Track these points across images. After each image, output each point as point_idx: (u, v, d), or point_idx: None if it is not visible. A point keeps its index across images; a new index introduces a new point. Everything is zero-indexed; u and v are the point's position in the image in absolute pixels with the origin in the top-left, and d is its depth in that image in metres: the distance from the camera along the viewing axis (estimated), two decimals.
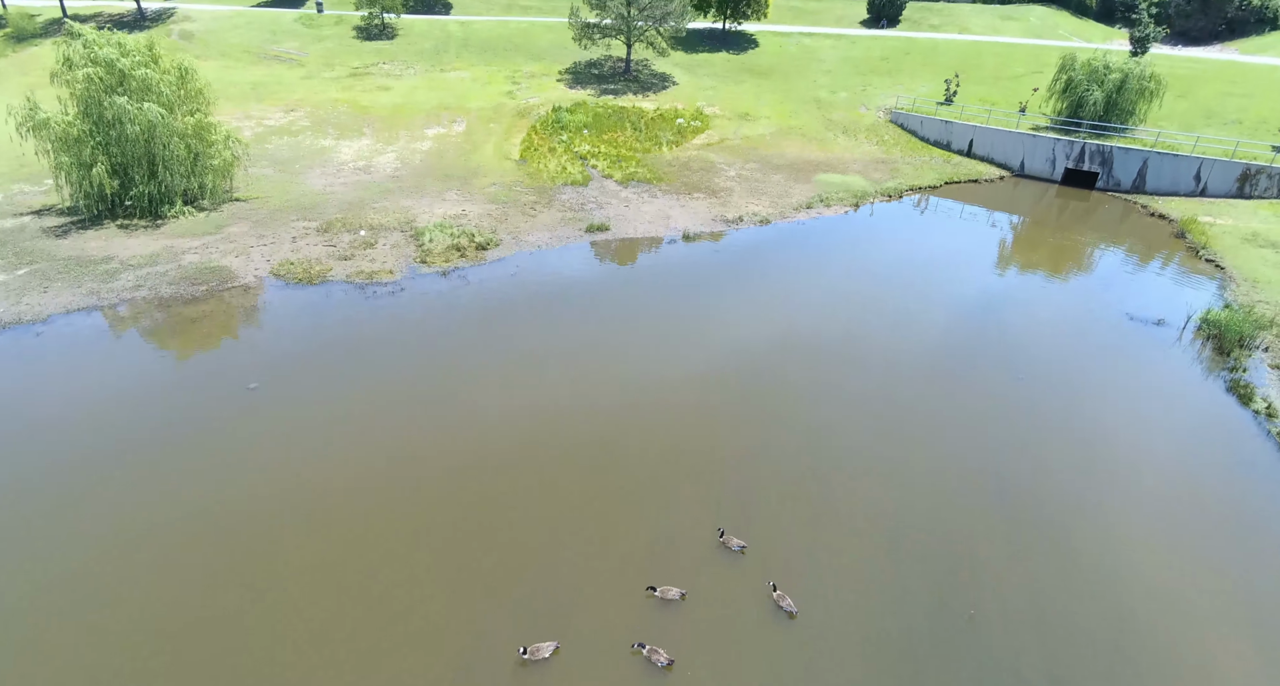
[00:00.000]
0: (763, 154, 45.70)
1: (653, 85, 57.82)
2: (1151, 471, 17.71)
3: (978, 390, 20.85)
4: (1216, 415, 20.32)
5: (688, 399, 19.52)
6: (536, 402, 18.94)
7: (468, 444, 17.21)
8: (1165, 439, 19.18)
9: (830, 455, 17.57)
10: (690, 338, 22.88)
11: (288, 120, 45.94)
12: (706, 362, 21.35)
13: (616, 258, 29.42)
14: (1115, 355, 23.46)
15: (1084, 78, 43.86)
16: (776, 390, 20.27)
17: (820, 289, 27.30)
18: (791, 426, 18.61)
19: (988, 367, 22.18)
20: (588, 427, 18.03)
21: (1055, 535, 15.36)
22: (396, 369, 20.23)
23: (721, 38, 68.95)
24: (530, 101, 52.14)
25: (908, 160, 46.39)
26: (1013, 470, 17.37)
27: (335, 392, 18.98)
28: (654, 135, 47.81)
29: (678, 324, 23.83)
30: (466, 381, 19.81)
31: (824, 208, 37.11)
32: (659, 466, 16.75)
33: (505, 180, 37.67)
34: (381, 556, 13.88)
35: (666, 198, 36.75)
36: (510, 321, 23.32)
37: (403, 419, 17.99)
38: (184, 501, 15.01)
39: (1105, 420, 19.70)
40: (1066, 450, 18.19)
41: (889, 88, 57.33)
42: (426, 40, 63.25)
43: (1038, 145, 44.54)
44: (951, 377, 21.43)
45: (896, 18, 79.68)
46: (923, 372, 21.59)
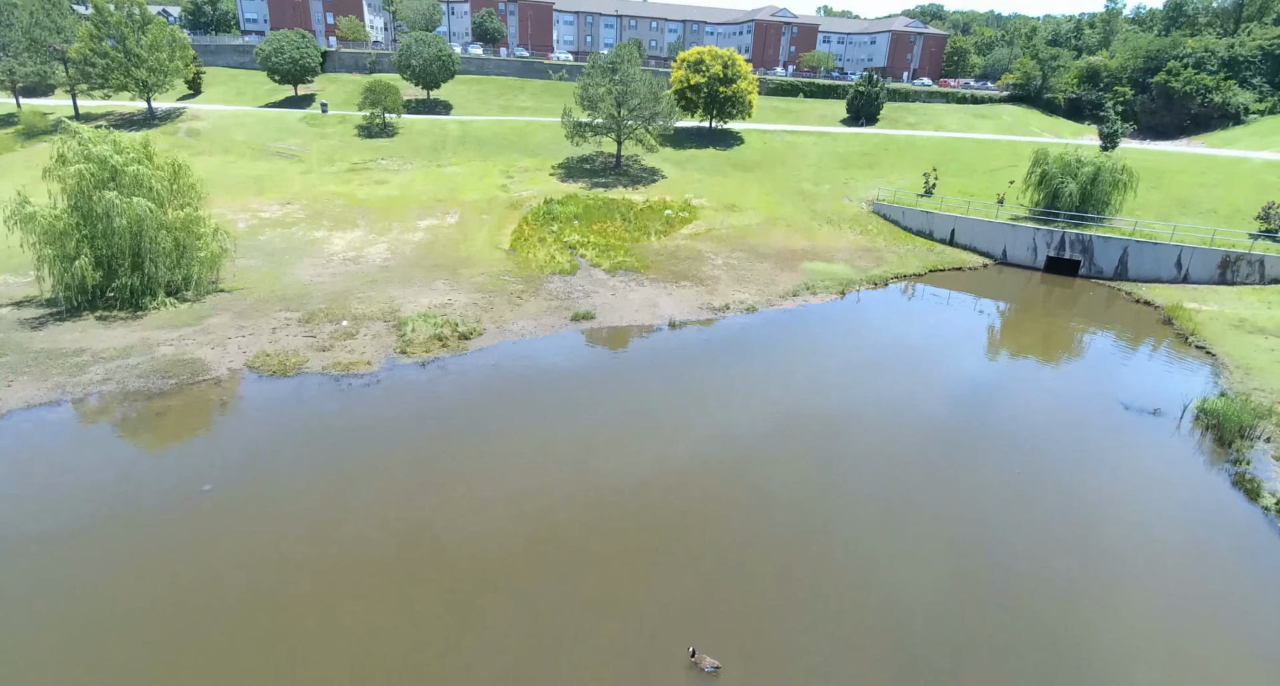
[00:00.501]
0: (749, 243, 46.43)
1: (642, 178, 59.66)
2: (1161, 576, 16.56)
3: (975, 485, 19.90)
4: (1225, 512, 19.30)
5: (668, 497, 18.52)
6: (508, 501, 17.91)
7: (433, 547, 16.07)
8: (1173, 539, 18.09)
9: (820, 559, 16.43)
10: (672, 431, 22.09)
11: (283, 213, 46.83)
12: (689, 458, 20.47)
13: (601, 346, 29.04)
14: (1114, 447, 22.66)
15: (1058, 171, 45.32)
16: (762, 488, 19.30)
17: (809, 378, 26.77)
18: (778, 528, 17.54)
19: (985, 460, 21.31)
20: (562, 529, 16.94)
21: (1060, 647, 14.06)
22: (361, 466, 19.28)
23: (709, 135, 71.98)
24: (523, 194, 53.53)
25: (892, 249, 47.15)
26: (1015, 575, 16.20)
27: (294, 493, 17.95)
28: (643, 225, 48.75)
29: (660, 417, 23.09)
30: (435, 480, 18.83)
31: (810, 295, 37.21)
32: (634, 571, 15.59)
33: (494, 270, 37.90)
34: (337, 668, 12.53)
35: (654, 286, 36.88)
36: (485, 414, 22.57)
37: (364, 520, 16.90)
38: (121, 611, 13.74)
39: (1109, 518, 18.67)
40: (1070, 553, 17.07)
41: (870, 180, 59.24)
42: (426, 138, 65.79)
43: (1018, 234, 45.42)
44: (948, 472, 20.52)
45: (875, 116, 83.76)
46: (918, 466, 20.70)
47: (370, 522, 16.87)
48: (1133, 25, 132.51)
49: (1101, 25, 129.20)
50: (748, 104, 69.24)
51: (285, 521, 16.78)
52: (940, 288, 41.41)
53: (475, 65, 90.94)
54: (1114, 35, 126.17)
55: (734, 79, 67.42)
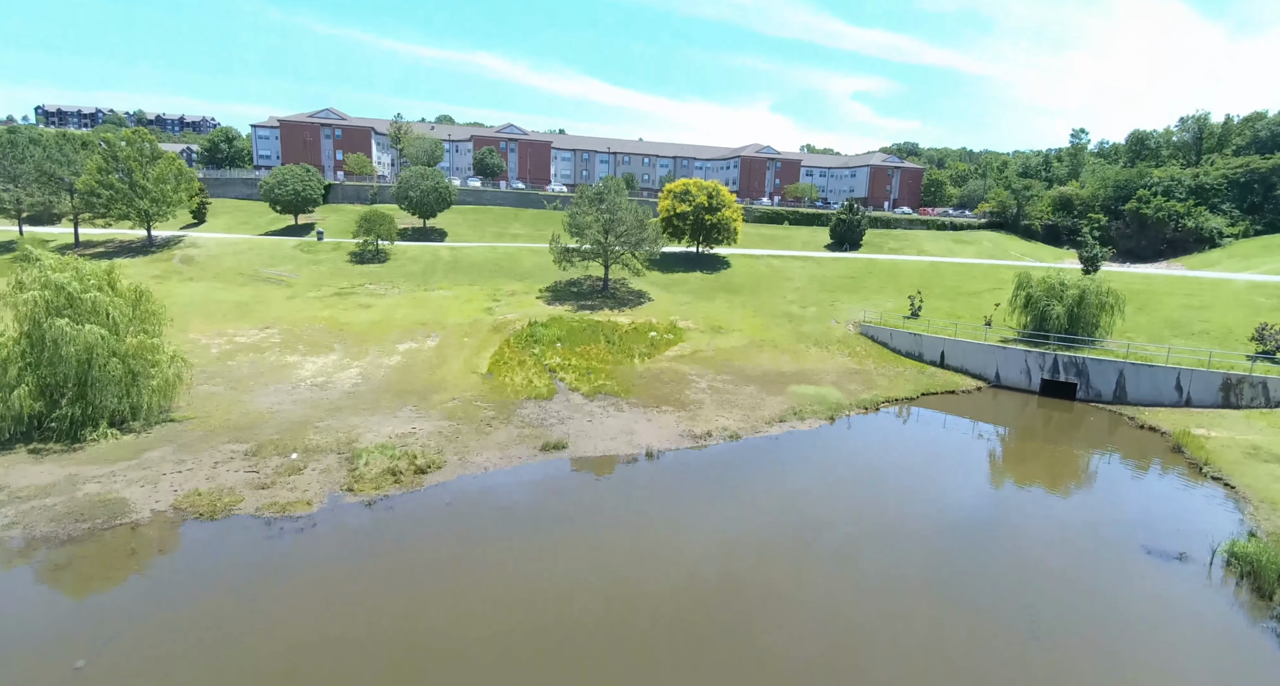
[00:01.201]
0: (735, 366, 45.27)
1: (629, 301, 59.71)
2: None
3: (990, 649, 17.09)
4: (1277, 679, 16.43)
5: (634, 660, 15.72)
6: (439, 679, 15.12)
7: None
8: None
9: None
10: (641, 579, 19.48)
11: (260, 337, 46.01)
12: (658, 610, 17.77)
13: (567, 481, 26.79)
14: (1141, 600, 19.95)
15: (1042, 294, 45.08)
16: (739, 648, 16.52)
17: (796, 516, 24.36)
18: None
19: (997, 618, 18.56)
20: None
21: None
22: (261, 638, 16.58)
23: (696, 259, 73.27)
24: (508, 317, 53.15)
25: (881, 371, 45.93)
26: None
27: (179, 669, 15.18)
28: (627, 348, 47.84)
29: (622, 568, 20.53)
30: (352, 645, 16.08)
31: (798, 421, 35.39)
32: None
33: (467, 395, 36.33)
34: None
35: (633, 411, 35.15)
36: (426, 566, 20.02)
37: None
38: None
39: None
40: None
41: (856, 303, 59.27)
42: (416, 263, 66.76)
43: (1010, 357, 44.38)
44: (956, 633, 17.75)
45: (858, 242, 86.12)
46: (921, 627, 17.95)
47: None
48: (1098, 158, 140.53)
49: (1069, 158, 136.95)
50: (733, 230, 71.03)
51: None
52: (935, 411, 39.70)
53: (473, 196, 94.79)
54: (1081, 167, 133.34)
55: (718, 208, 69.59)
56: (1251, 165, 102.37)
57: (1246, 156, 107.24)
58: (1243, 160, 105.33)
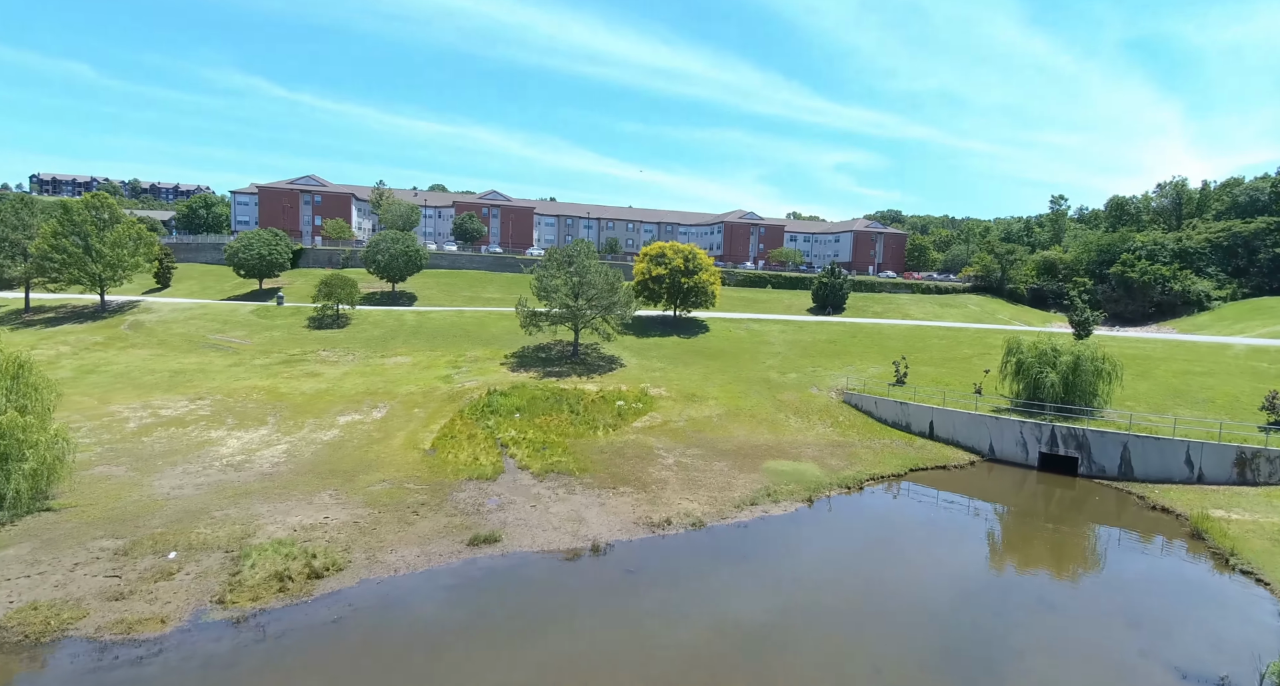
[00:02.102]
0: (707, 438, 41.59)
1: (599, 367, 56.43)
2: None
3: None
4: None
5: None
6: None
7: None
8: None
9: None
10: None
11: (188, 410, 42.17)
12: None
13: (491, 587, 22.62)
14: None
15: (1034, 360, 42.10)
16: None
17: (755, 637, 20.30)
18: None
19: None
20: None
21: None
22: None
23: (673, 323, 70.56)
24: (466, 385, 49.62)
25: (866, 444, 42.34)
26: None
27: None
28: (591, 418, 44.21)
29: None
30: None
31: (771, 504, 31.52)
32: None
33: (400, 475, 32.40)
34: None
35: (586, 493, 31.24)
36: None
37: None
38: None
39: None
40: None
41: (838, 369, 56.20)
42: (377, 329, 63.66)
43: (1004, 428, 40.97)
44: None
45: (841, 306, 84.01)
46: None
47: None
48: (1079, 224, 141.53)
49: (1050, 224, 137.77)
50: (710, 294, 68.65)
51: None
52: (925, 489, 35.93)
53: (448, 260, 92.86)
54: (1063, 232, 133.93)
55: (695, 270, 67.42)
56: (1234, 228, 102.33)
57: (1228, 220, 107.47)
58: (1224, 224, 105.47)
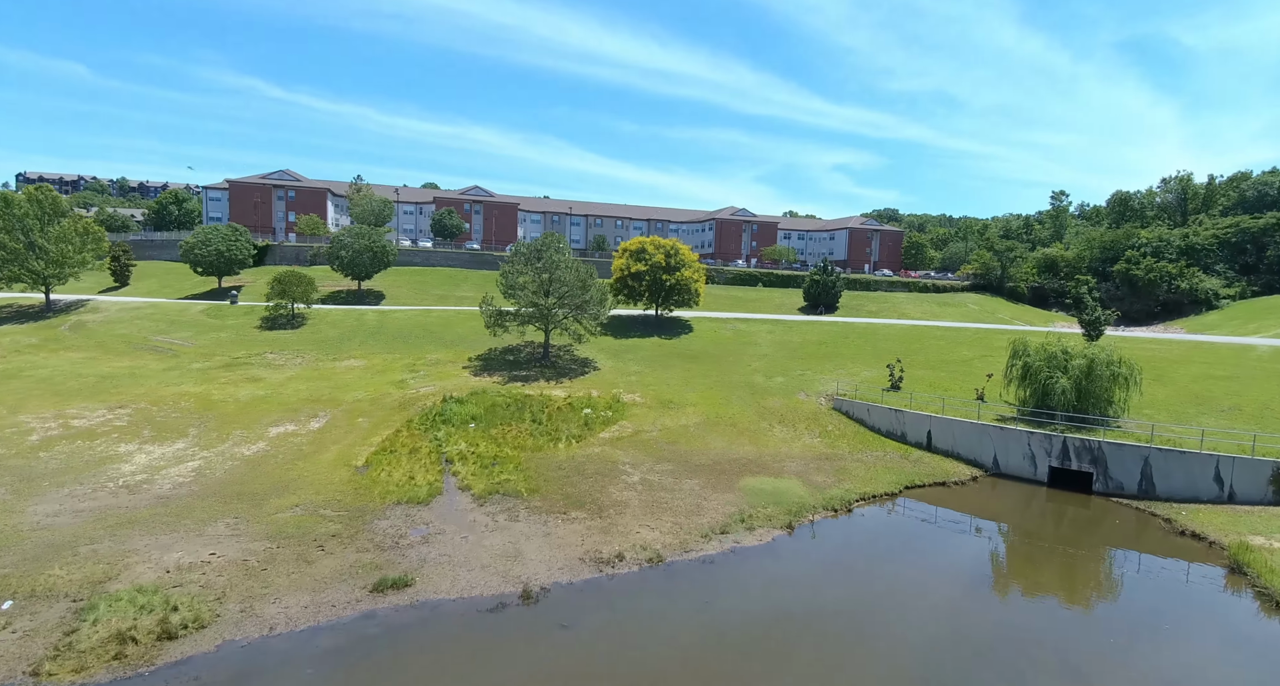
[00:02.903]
0: (681, 451, 37.42)
1: (571, 371, 52.22)
2: None
3: None
4: None
5: None
6: None
7: None
8: None
9: None
10: None
11: (103, 420, 37.86)
12: None
13: (384, 650, 18.31)
14: None
15: (1042, 363, 38.00)
16: None
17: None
18: None
19: None
20: None
21: None
22: None
23: (654, 323, 66.39)
24: (421, 391, 45.36)
25: (857, 456, 38.21)
26: None
27: None
28: (554, 428, 40.04)
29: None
30: None
31: (744, 532, 27.33)
32: None
33: (319, 498, 28.18)
34: None
35: (531, 520, 27.05)
36: None
37: None
38: None
39: None
40: None
41: (829, 372, 52.04)
42: (334, 329, 59.39)
43: (1009, 439, 36.86)
44: None
45: (834, 305, 79.83)
46: None
47: None
48: (1080, 221, 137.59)
49: (1051, 221, 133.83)
50: (693, 292, 64.46)
51: None
52: (923, 508, 31.82)
53: (421, 257, 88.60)
54: (1064, 229, 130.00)
55: (677, 267, 63.24)
56: (1242, 225, 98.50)
57: (1235, 216, 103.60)
58: (1232, 220, 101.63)
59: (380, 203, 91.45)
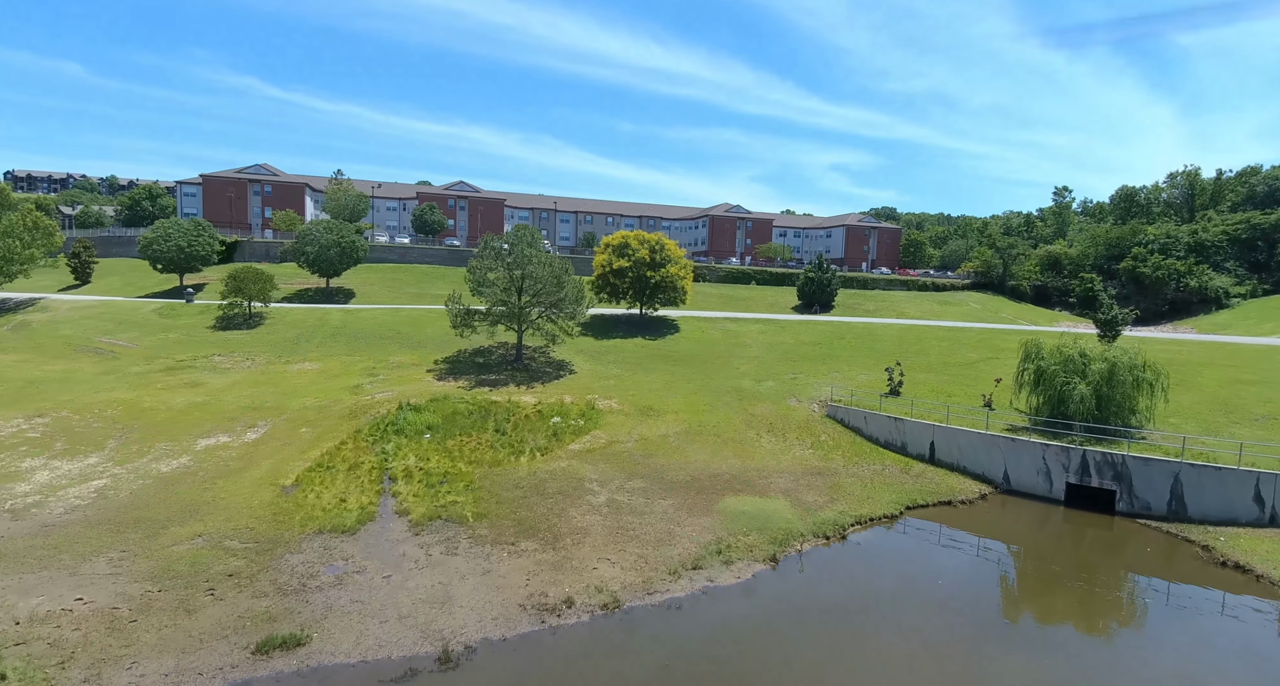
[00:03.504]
0: (657, 465, 33.68)
1: (545, 375, 48.43)
2: None
3: None
4: None
5: None
6: None
7: None
8: None
9: None
10: None
11: (15, 431, 34.00)
12: None
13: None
14: None
15: (1058, 368, 34.29)
16: None
17: None
18: None
19: None
20: None
21: None
22: None
23: (639, 323, 62.59)
24: (376, 397, 41.56)
25: (852, 470, 34.48)
26: None
27: None
28: (519, 439, 36.30)
29: None
30: None
31: (720, 566, 23.57)
32: None
33: (229, 526, 24.38)
34: None
35: (471, 553, 23.28)
36: None
37: None
38: None
39: None
40: None
41: (823, 376, 48.28)
42: (293, 329, 55.53)
43: (1021, 452, 33.13)
44: None
45: (829, 304, 76.10)
46: None
47: None
48: (1084, 218, 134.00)
49: (1053, 218, 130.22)
50: (680, 290, 60.67)
51: None
52: (926, 529, 28.10)
53: (398, 253, 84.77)
54: (1067, 226, 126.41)
55: (662, 263, 59.46)
56: (1253, 221, 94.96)
57: (1246, 212, 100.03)
58: (1242, 216, 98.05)
59: (355, 197, 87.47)
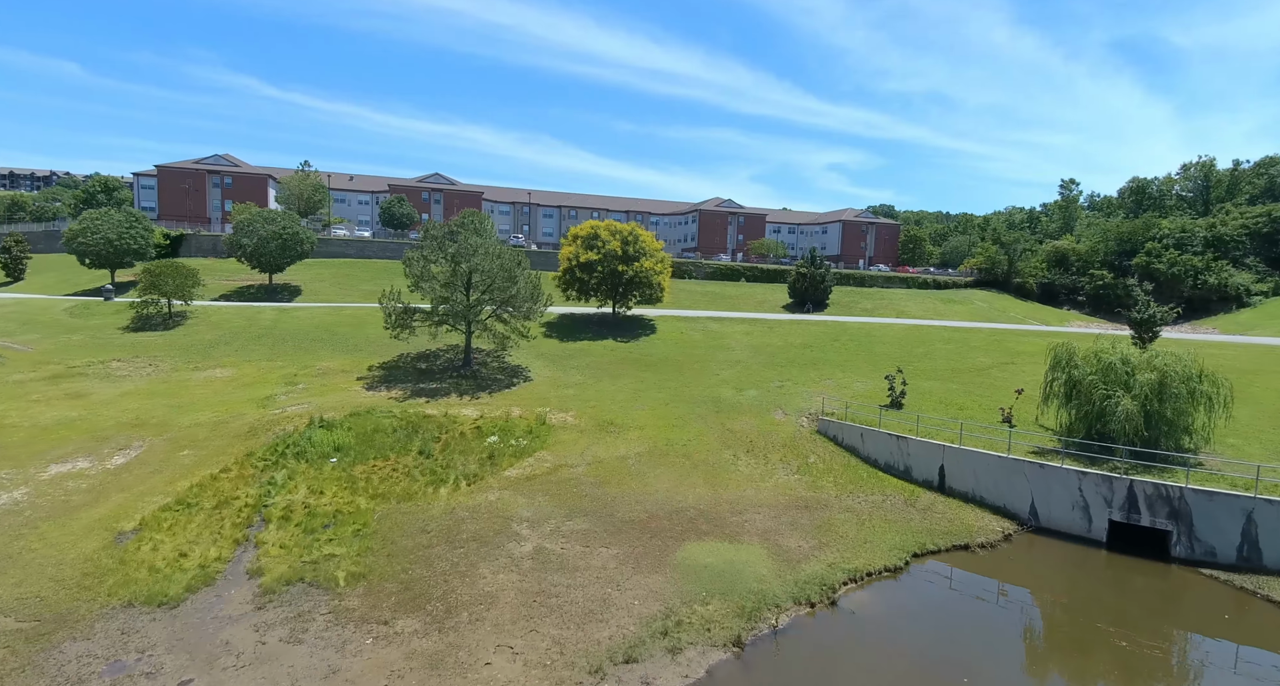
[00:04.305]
0: (608, 496, 27.58)
1: (495, 383, 42.26)
2: None
3: None
4: None
5: None
6: None
7: None
8: None
9: None
10: None
11: None
12: None
13: None
14: None
15: (1096, 378, 28.22)
16: None
17: None
18: None
19: None
20: None
21: None
22: None
23: (611, 323, 56.40)
24: (288, 411, 35.37)
25: (846, 502, 28.39)
26: None
27: None
28: (444, 464, 30.20)
29: None
30: None
31: (664, 657, 17.42)
32: None
33: (17, 593, 18.23)
34: None
35: (320, 640, 17.13)
36: None
37: None
38: None
39: None
40: None
41: (814, 384, 42.16)
42: (215, 331, 49.26)
43: (1053, 481, 27.05)
44: None
45: (823, 302, 69.88)
46: None
47: None
48: (1091, 213, 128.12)
49: (1059, 212, 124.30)
50: (657, 286, 54.53)
51: None
52: (940, 583, 22.05)
53: (356, 248, 78.53)
54: (1074, 221, 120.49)
55: (636, 256, 53.32)
56: (1274, 214, 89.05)
57: (1267, 204, 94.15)
58: (1263, 209, 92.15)
59: (311, 186, 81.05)
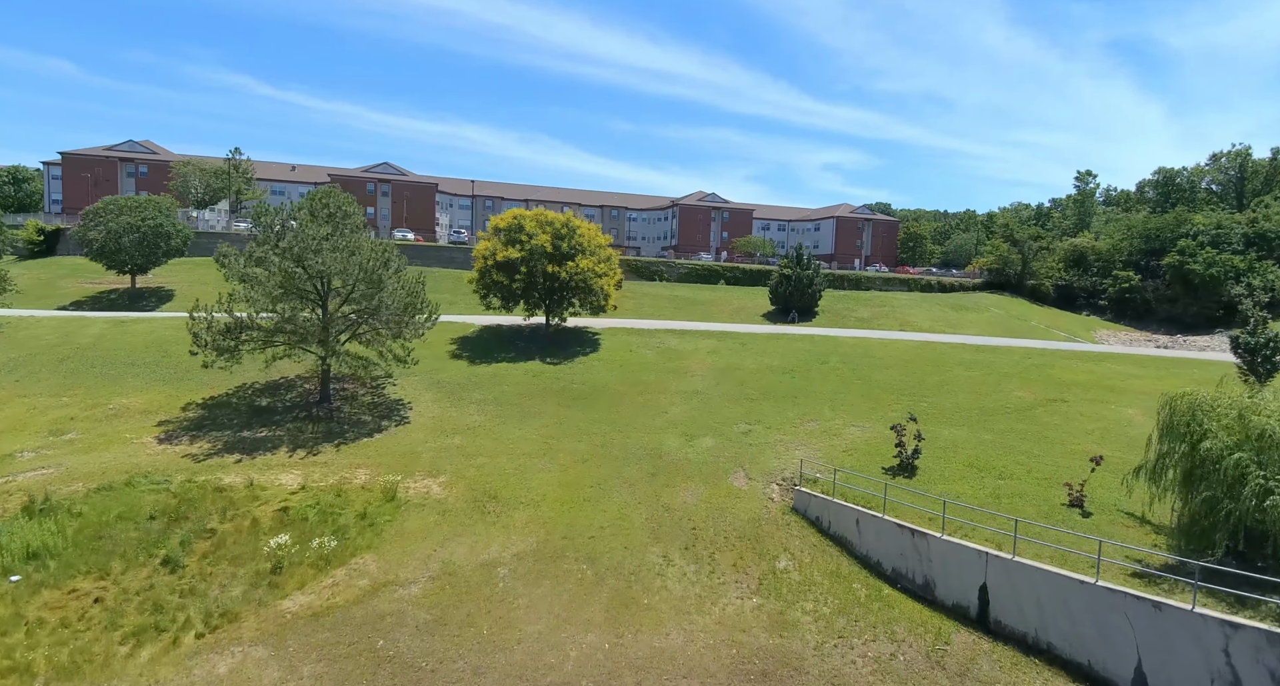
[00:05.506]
0: (435, 655, 16.40)
1: (357, 427, 30.86)
2: None
3: None
4: None
5: None
6: None
7: None
8: None
9: None
10: None
11: None
12: None
13: None
14: None
15: (1248, 456, 16.88)
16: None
17: None
18: None
19: None
20: None
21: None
22: None
23: (543, 338, 44.90)
24: (17, 480, 23.92)
25: (835, 658, 17.13)
26: None
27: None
28: (189, 587, 19.22)
29: None
30: None
31: None
32: None
33: None
34: None
35: None
36: None
37: None
38: None
39: None
40: None
41: (793, 426, 30.77)
42: (13, 351, 37.66)
43: (1173, 630, 15.69)
44: None
45: (811, 309, 58.20)
46: None
47: None
48: (1109, 207, 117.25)
49: (1074, 207, 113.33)
50: (599, 292, 43.08)
51: None
52: None
53: None
54: (1090, 217, 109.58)
55: (571, 254, 41.91)
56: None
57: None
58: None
59: (210, 173, 69.08)
